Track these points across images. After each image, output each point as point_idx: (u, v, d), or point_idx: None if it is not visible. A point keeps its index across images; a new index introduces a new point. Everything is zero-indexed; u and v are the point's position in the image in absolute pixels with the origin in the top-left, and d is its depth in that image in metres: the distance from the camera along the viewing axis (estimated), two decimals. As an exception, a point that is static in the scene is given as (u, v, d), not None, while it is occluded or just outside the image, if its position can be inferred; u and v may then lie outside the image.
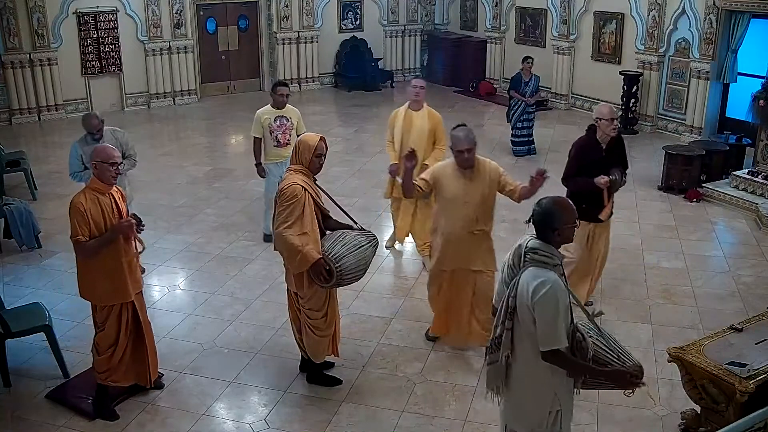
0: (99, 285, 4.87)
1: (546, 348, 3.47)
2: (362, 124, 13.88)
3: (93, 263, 4.81)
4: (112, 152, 4.88)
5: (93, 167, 4.88)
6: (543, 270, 3.51)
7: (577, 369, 3.63)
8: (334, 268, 4.89)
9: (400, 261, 7.82)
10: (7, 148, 10.46)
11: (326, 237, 5.08)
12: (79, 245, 4.74)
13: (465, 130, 5.38)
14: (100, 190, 4.85)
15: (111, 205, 4.86)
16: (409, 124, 7.25)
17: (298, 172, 5.01)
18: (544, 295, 3.43)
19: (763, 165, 9.31)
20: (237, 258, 7.74)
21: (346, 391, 5.41)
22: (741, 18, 11.25)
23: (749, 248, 8.11)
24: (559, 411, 3.69)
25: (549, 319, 3.44)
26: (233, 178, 10.48)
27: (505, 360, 3.67)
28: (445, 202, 5.49)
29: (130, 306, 5.01)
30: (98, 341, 5.04)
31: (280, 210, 4.91)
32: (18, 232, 7.90)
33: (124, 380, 5.16)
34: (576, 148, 6.28)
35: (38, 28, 13.52)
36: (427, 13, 18.11)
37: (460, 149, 5.32)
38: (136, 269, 5.04)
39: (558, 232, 3.55)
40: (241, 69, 16.34)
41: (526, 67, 11.27)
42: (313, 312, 5.16)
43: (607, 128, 6.09)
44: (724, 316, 6.36)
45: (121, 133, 7.08)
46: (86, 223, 4.70)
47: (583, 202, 6.03)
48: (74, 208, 4.73)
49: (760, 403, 4.16)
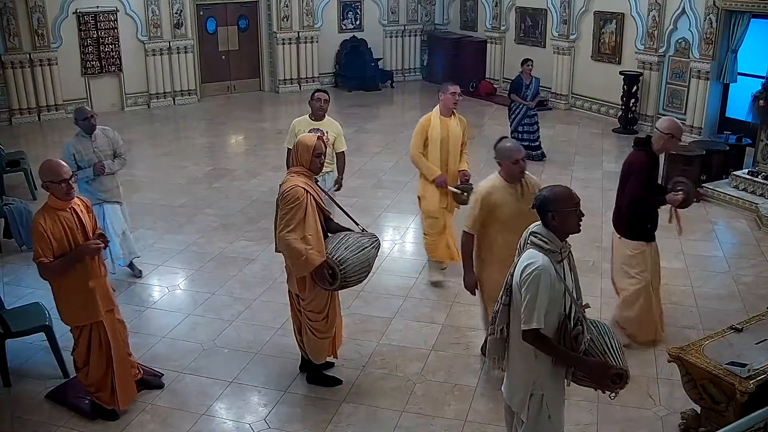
0: (69, 305, 4.78)
1: (524, 327, 3.59)
2: (362, 124, 13.88)
3: (61, 284, 4.71)
4: (60, 170, 4.68)
5: (45, 188, 4.72)
6: (536, 252, 3.64)
7: (555, 353, 3.67)
8: (338, 271, 4.88)
9: (400, 261, 7.81)
10: (7, 148, 10.47)
11: (329, 239, 5.06)
12: (42, 266, 4.59)
13: (510, 140, 5.23)
14: (59, 206, 4.70)
15: (73, 221, 4.73)
16: (446, 131, 6.81)
17: (299, 174, 4.99)
18: (529, 275, 3.57)
19: (763, 165, 9.31)
20: (237, 258, 7.74)
21: (346, 391, 5.41)
22: (741, 18, 11.25)
23: (749, 248, 8.10)
24: (543, 397, 3.74)
25: (529, 298, 3.57)
26: (233, 178, 10.48)
27: (500, 333, 3.83)
28: (500, 225, 5.04)
29: (101, 326, 4.89)
30: (75, 357, 4.99)
31: (282, 213, 4.89)
32: (18, 232, 7.90)
33: (110, 402, 5.03)
34: (640, 169, 5.66)
35: (38, 28, 13.52)
36: (427, 13, 18.11)
37: (517, 158, 4.97)
38: (105, 287, 4.92)
39: (553, 214, 3.64)
40: (241, 69, 16.34)
41: (526, 70, 11.16)
42: (314, 314, 5.15)
43: (675, 145, 5.77)
44: (724, 316, 6.35)
45: (112, 132, 7.07)
46: (47, 243, 4.56)
47: (649, 222, 5.79)
48: (34, 230, 4.59)
49: (760, 403, 4.16)
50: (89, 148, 6.76)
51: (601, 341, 3.76)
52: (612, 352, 3.74)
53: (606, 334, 3.82)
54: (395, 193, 9.75)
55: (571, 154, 11.39)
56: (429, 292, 6.99)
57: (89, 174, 6.74)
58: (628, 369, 3.75)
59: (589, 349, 3.72)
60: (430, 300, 6.84)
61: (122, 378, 5.04)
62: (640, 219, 5.78)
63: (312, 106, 7.07)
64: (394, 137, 12.53)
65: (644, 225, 5.80)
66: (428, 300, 6.84)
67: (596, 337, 3.77)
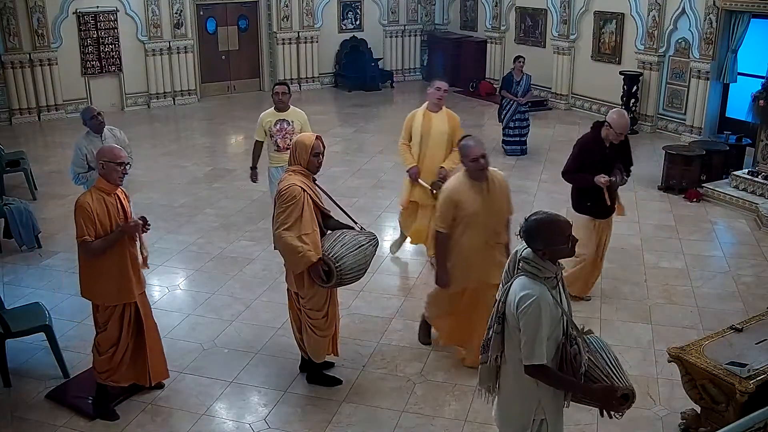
0: (103, 285, 4.86)
1: (526, 363, 3.45)
2: (362, 124, 13.89)
3: (97, 263, 4.80)
4: (119, 152, 4.87)
5: (100, 167, 4.84)
6: (532, 282, 3.46)
7: (561, 385, 3.56)
8: (334, 268, 4.89)
9: (400, 261, 7.81)
10: (7, 148, 10.47)
11: (326, 237, 5.07)
12: (85, 245, 4.71)
13: (474, 138, 5.30)
14: (106, 190, 4.83)
15: (116, 206, 4.84)
16: (428, 125, 7.01)
17: (297, 173, 5.00)
18: (527, 308, 3.38)
19: (763, 165, 9.31)
20: (237, 258, 7.74)
21: (346, 391, 5.41)
22: (741, 18, 11.25)
23: (749, 248, 8.10)
24: (544, 420, 3.66)
25: (530, 334, 3.40)
26: (233, 178, 10.47)
27: (493, 361, 3.68)
28: (467, 219, 5.19)
29: (132, 306, 5.01)
30: (99, 341, 5.03)
31: (279, 211, 4.90)
32: (18, 232, 7.89)
33: (123, 380, 5.15)
34: (579, 146, 6.32)
35: (38, 28, 13.53)
36: (427, 13, 18.11)
37: (475, 156, 5.12)
38: (139, 270, 5.03)
39: (543, 252, 3.46)
40: (241, 69, 16.35)
41: (518, 67, 11.25)
42: (313, 312, 5.16)
43: (613, 137, 6.13)
44: (724, 316, 6.35)
45: (119, 131, 7.12)
46: (92, 223, 4.69)
47: (588, 200, 6.24)
48: (80, 208, 4.70)
49: (760, 403, 4.16)
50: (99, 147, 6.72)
51: (602, 363, 3.61)
52: (615, 372, 3.60)
53: (603, 350, 3.67)
54: (395, 193, 9.71)
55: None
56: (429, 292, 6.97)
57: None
58: (633, 388, 3.65)
59: (592, 371, 3.57)
60: (430, 300, 6.83)
61: (157, 355, 5.22)
62: (582, 195, 6.33)
63: (273, 100, 7.55)
64: (394, 137, 12.45)
65: (585, 202, 6.31)
66: (428, 300, 6.83)
67: (596, 356, 3.61)
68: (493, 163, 5.55)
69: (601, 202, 6.19)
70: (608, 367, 3.61)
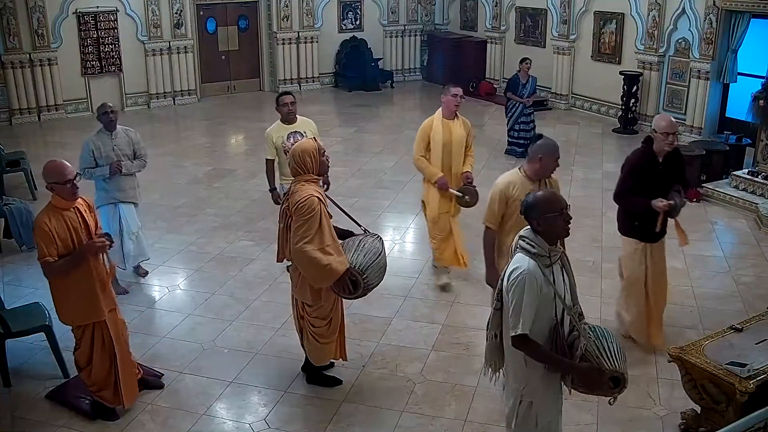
0: (71, 305, 4.76)
1: (511, 332, 3.56)
2: (362, 124, 13.88)
3: (64, 283, 4.69)
4: (63, 170, 4.64)
5: (49, 189, 4.69)
6: (523, 257, 3.61)
7: (544, 359, 3.61)
8: (361, 279, 4.83)
9: (400, 261, 7.80)
10: (7, 148, 10.47)
11: (345, 247, 4.96)
12: (47, 266, 4.57)
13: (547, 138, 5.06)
14: (64, 206, 4.68)
15: (77, 219, 4.72)
16: (449, 134, 6.70)
17: (309, 182, 4.85)
18: (514, 279, 3.55)
19: (763, 165, 9.31)
20: (237, 258, 7.74)
21: (346, 391, 5.41)
22: (741, 18, 11.25)
23: (749, 248, 8.10)
24: (532, 404, 3.70)
25: (515, 303, 3.54)
26: (233, 178, 10.48)
27: (493, 338, 3.81)
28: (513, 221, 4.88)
29: (104, 325, 4.88)
30: (77, 358, 4.97)
31: (298, 224, 4.72)
32: (18, 232, 7.90)
33: (113, 401, 5.04)
34: (629, 164, 5.67)
35: (38, 28, 13.53)
36: (427, 13, 18.11)
37: (558, 156, 4.92)
38: (108, 287, 4.91)
39: (537, 221, 3.61)
40: (241, 69, 16.35)
41: (524, 69, 11.20)
42: (318, 320, 5.13)
43: (661, 143, 5.48)
44: (724, 316, 6.35)
45: (134, 132, 7.05)
46: (52, 242, 4.56)
47: (636, 220, 5.67)
48: (38, 229, 4.56)
49: (760, 403, 4.16)
50: (108, 145, 6.71)
51: (597, 344, 3.62)
52: (608, 355, 3.60)
53: (604, 337, 3.68)
54: (395, 193, 9.74)
55: (571, 154, 11.37)
56: (429, 292, 6.99)
57: (105, 172, 6.65)
58: (626, 372, 3.65)
59: (585, 354, 3.59)
60: (430, 300, 6.84)
61: (126, 376, 5.04)
62: (629, 215, 5.76)
63: (281, 112, 6.82)
64: (394, 137, 12.54)
65: (632, 222, 5.74)
66: (428, 300, 6.84)
67: (593, 341, 3.62)
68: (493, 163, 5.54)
69: (652, 223, 5.52)
70: (602, 350, 3.62)
